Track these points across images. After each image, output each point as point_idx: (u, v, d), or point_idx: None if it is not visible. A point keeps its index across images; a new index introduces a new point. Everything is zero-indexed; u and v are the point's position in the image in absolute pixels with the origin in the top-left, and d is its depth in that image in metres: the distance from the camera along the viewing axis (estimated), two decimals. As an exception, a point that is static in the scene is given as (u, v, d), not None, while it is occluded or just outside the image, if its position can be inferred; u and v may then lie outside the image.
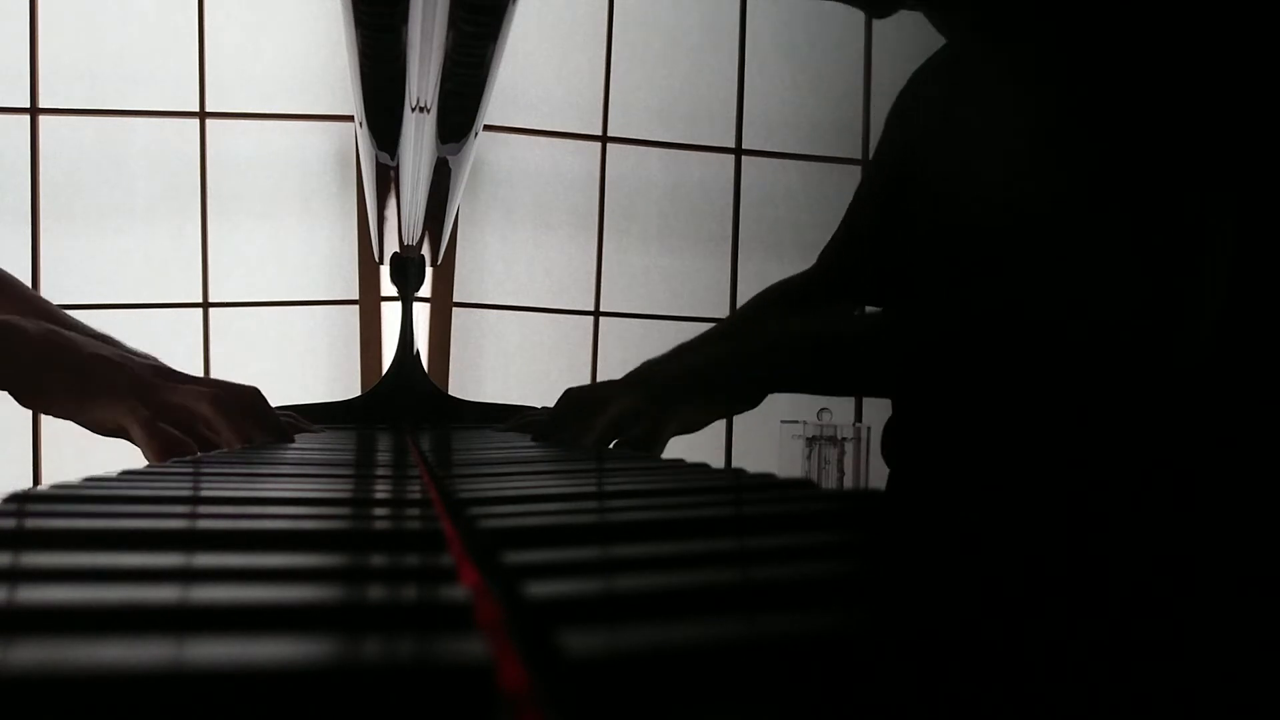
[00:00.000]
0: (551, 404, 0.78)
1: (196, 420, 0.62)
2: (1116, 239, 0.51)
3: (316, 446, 0.64)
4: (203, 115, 2.01)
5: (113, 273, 1.99)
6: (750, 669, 0.13)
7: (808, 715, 0.12)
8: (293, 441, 0.68)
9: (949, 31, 0.74)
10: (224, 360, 2.01)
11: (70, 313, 0.75)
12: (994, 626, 0.15)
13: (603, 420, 0.70)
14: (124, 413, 0.59)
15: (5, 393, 0.60)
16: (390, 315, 1.98)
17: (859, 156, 2.29)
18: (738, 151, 2.25)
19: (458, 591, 0.17)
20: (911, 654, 0.13)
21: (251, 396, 0.67)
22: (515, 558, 0.19)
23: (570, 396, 0.75)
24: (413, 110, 0.74)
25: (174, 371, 0.68)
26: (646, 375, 0.75)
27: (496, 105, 1.98)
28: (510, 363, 2.14)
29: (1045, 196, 0.56)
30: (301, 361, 2.06)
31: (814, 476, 2.04)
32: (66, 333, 0.63)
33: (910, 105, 0.79)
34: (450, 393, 1.23)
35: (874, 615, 0.16)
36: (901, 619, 0.15)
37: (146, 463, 0.56)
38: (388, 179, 0.92)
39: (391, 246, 1.12)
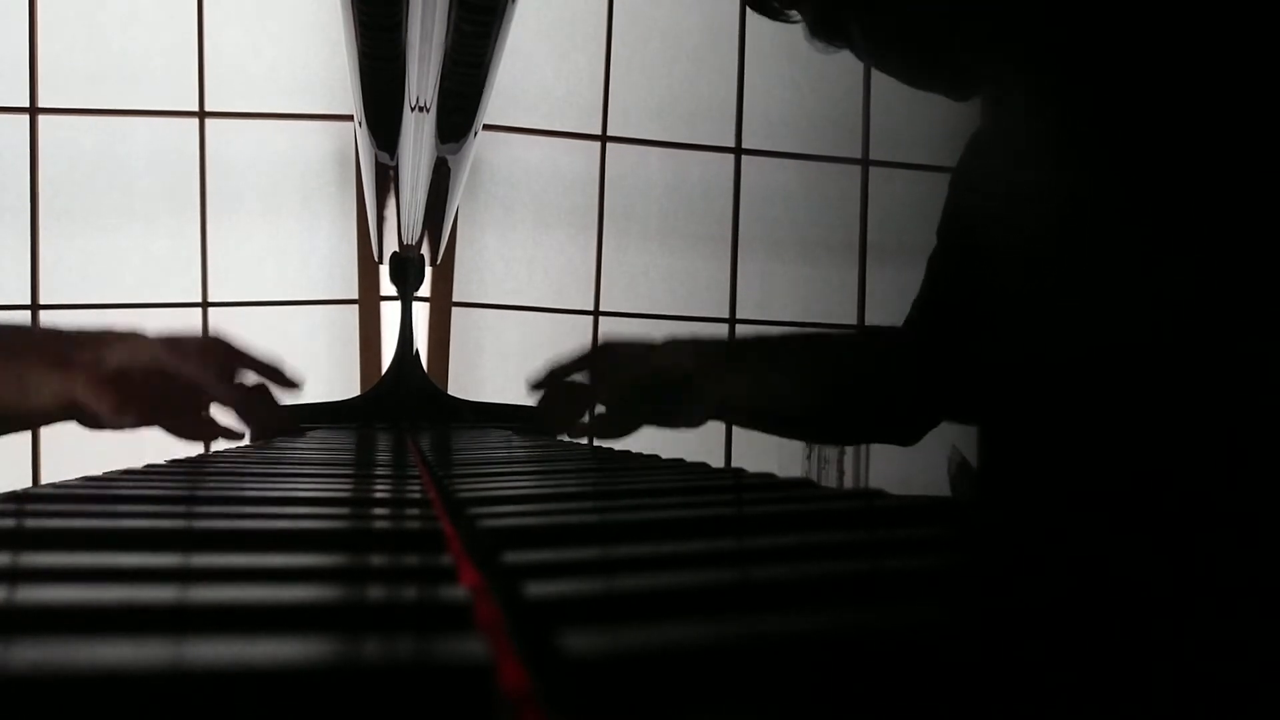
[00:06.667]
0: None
1: (141, 372, 0.57)
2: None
3: (316, 446, 0.64)
4: (202, 115, 2.00)
5: (112, 272, 1.98)
6: (750, 669, 0.13)
7: (807, 715, 0.12)
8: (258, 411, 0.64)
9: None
10: (223, 360, 2.01)
11: (69, 313, 0.72)
12: (994, 630, 0.15)
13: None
14: (66, 386, 0.54)
15: None
16: (390, 315, 1.98)
17: (859, 156, 2.29)
18: (738, 151, 2.25)
19: (457, 592, 0.17)
20: (909, 654, 0.13)
21: (202, 344, 0.62)
22: (515, 558, 0.19)
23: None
24: (412, 110, 0.74)
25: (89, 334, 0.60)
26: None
27: (496, 105, 1.98)
28: (510, 362, 2.14)
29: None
30: (301, 361, 2.06)
31: (814, 476, 2.04)
32: None
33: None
34: (450, 392, 1.23)
35: (873, 615, 0.16)
36: (901, 619, 0.15)
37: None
38: (387, 179, 0.92)
39: (391, 246, 1.12)
